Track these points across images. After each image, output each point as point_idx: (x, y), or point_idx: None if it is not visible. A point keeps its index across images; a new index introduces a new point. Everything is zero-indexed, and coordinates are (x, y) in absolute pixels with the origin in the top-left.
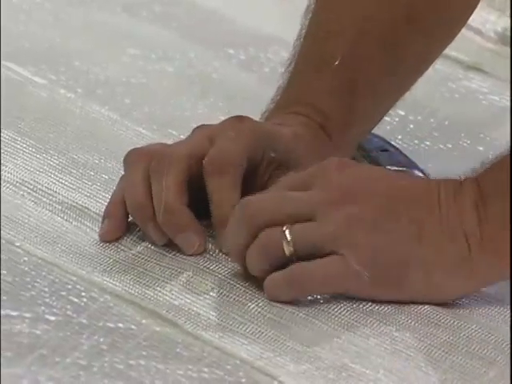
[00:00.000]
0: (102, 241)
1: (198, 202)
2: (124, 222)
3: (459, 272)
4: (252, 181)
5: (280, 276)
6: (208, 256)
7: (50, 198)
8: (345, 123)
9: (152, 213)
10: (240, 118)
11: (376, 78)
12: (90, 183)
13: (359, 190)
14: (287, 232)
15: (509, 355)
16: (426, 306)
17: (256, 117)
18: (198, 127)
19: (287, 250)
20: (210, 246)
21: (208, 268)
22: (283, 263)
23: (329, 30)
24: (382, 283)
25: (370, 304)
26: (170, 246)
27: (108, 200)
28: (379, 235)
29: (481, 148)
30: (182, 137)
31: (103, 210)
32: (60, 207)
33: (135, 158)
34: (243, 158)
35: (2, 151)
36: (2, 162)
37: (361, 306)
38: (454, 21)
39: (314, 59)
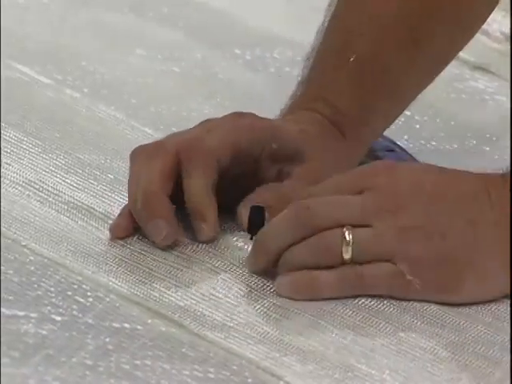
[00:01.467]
0: (111, 236)
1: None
2: (131, 220)
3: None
4: (255, 175)
5: (335, 275)
6: (214, 253)
7: (56, 197)
8: (362, 121)
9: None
10: (240, 114)
11: (396, 77)
12: (95, 183)
13: (411, 195)
14: (348, 235)
15: None
16: (431, 306)
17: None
18: (203, 121)
19: (346, 253)
20: (216, 242)
21: (214, 266)
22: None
23: (351, 26)
24: (433, 289)
25: (375, 304)
26: (176, 244)
27: (114, 200)
28: (435, 243)
29: (487, 148)
30: None
31: (109, 209)
32: (66, 207)
33: (137, 154)
34: (222, 153)
35: (8, 151)
36: (8, 162)
37: (366, 306)
38: (475, 19)
39: (333, 56)
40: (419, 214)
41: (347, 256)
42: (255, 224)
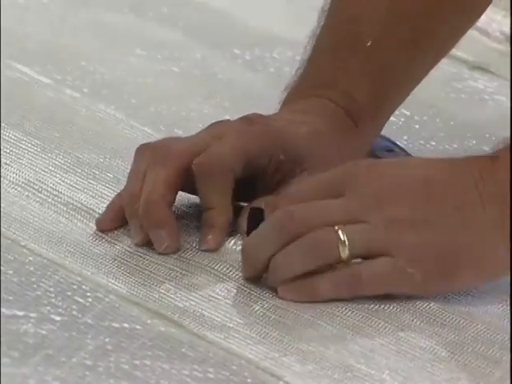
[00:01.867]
0: (97, 229)
1: None
2: (119, 214)
3: (506, 253)
4: (259, 184)
5: (335, 278)
6: (213, 257)
7: (55, 198)
8: (375, 108)
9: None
10: (249, 121)
11: (406, 62)
12: (95, 182)
13: (394, 190)
14: (340, 233)
15: None
16: (431, 305)
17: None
18: (213, 123)
19: (343, 252)
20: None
21: (213, 269)
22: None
23: (359, 11)
24: (434, 278)
25: (374, 304)
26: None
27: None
28: (426, 231)
29: (486, 148)
30: None
31: None
32: (65, 208)
33: (142, 151)
34: (235, 162)
35: (7, 151)
36: (7, 162)
37: (365, 306)
38: (476, 12)
39: (344, 41)
40: (405, 205)
41: (344, 255)
42: (254, 226)
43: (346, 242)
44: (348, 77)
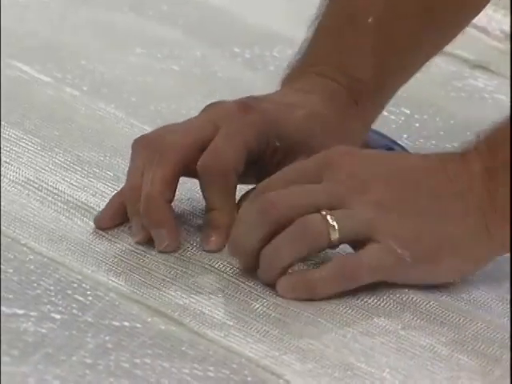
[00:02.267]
0: (96, 227)
1: None
2: (118, 212)
3: (480, 245)
4: (257, 169)
5: (330, 270)
6: (213, 255)
7: (56, 196)
8: (377, 87)
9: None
10: (244, 108)
11: (410, 39)
12: (95, 181)
13: (371, 175)
14: (329, 217)
15: None
16: (431, 303)
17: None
18: (207, 106)
19: (333, 235)
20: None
21: (213, 267)
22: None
23: (358, 4)
24: (421, 262)
25: (374, 302)
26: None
27: None
28: (409, 215)
29: None
30: None
31: None
32: (65, 206)
33: (139, 146)
34: (238, 162)
35: (7, 150)
36: (7, 160)
37: (366, 304)
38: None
39: (345, 17)
40: (386, 188)
41: (333, 238)
42: None
43: (336, 227)
44: (350, 56)
